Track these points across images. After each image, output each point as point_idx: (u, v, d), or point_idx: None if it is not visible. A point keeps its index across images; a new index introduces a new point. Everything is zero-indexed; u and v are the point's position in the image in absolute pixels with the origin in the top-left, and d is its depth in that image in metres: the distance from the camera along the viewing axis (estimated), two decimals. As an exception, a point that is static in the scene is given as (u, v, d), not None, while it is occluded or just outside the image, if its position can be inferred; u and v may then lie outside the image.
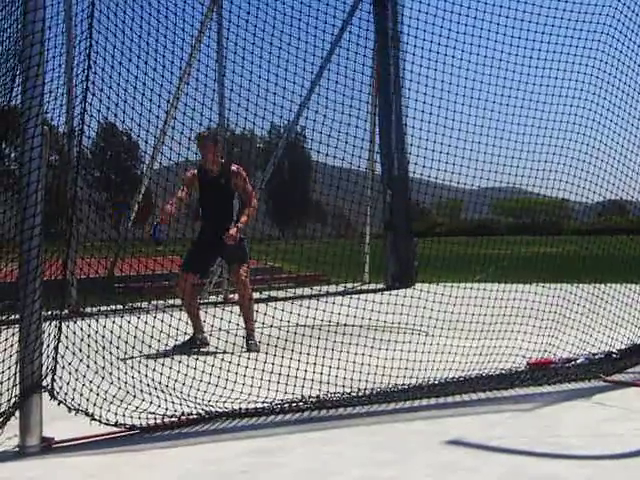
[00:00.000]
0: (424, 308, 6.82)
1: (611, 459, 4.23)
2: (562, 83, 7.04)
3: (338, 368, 5.77)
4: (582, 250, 7.81)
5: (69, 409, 4.61)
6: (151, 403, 4.96)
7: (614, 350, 6.62)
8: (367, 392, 5.54)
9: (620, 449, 4.33)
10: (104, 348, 5.11)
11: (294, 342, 6.19)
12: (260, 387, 5.45)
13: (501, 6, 6.93)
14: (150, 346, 5.56)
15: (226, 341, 6.60)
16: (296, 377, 5.59)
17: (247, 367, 5.71)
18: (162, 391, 5.13)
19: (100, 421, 4.65)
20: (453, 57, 6.98)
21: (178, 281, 8.01)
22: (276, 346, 6.11)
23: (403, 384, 5.71)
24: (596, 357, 6.48)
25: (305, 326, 7.68)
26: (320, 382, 5.57)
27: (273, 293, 10.37)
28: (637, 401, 5.43)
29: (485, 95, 7.01)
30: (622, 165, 7.13)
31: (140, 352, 5.42)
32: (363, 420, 5.09)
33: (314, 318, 6.52)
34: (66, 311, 5.26)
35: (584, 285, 7.43)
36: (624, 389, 5.80)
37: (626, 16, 7.01)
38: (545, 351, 6.54)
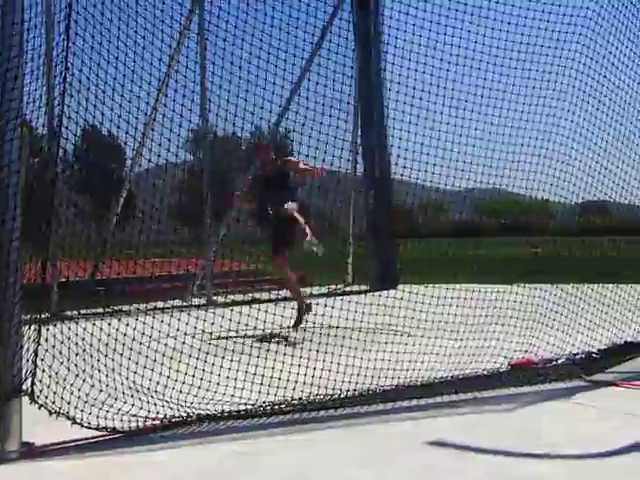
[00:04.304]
0: (406, 308, 6.83)
1: (593, 458, 4.25)
2: (541, 84, 7.09)
3: (322, 369, 5.76)
4: (562, 251, 7.86)
5: (50, 413, 4.57)
6: (133, 405, 4.94)
7: (594, 350, 6.64)
8: (349, 394, 5.53)
9: (601, 448, 4.34)
10: (84, 351, 5.08)
11: (277, 343, 6.19)
12: (243, 389, 5.43)
13: (481, 7, 6.97)
14: (131, 349, 5.54)
15: (209, 343, 6.58)
16: (279, 379, 5.58)
17: (230, 369, 5.69)
18: (144, 393, 5.11)
19: (81, 425, 4.61)
20: (434, 58, 7.01)
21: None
22: (259, 348, 6.10)
23: (385, 385, 5.71)
24: (577, 357, 6.49)
25: (289, 328, 7.69)
26: (303, 384, 5.57)
27: (256, 295, 10.37)
28: (617, 401, 5.45)
29: (465, 96, 7.05)
30: (600, 166, 7.18)
31: (121, 355, 5.39)
32: (345, 422, 5.08)
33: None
34: (46, 314, 5.23)
35: (564, 285, 7.45)
36: (604, 389, 5.82)
37: (603, 18, 7.07)
38: (526, 351, 6.56)
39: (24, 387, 4.48)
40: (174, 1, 6.12)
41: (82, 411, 4.69)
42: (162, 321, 6.00)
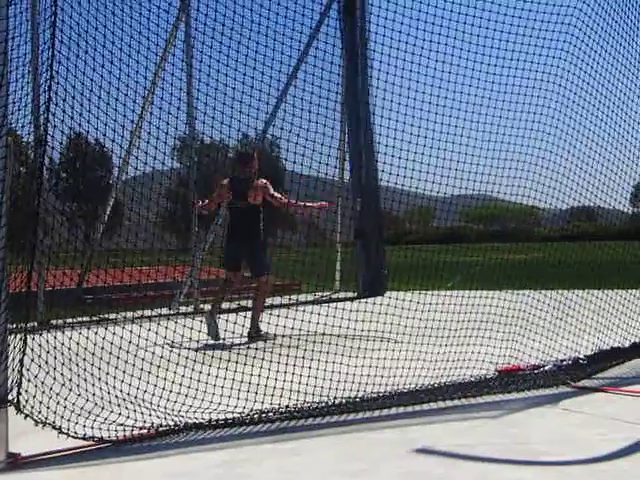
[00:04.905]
0: (391, 315, 6.84)
1: (578, 464, 4.25)
2: (526, 91, 7.12)
3: (309, 377, 5.76)
4: (548, 257, 7.87)
5: (36, 423, 4.55)
6: (120, 415, 4.93)
7: (581, 356, 6.66)
8: (337, 401, 5.53)
9: (587, 455, 4.35)
10: (71, 360, 5.06)
11: (264, 351, 6.18)
12: (230, 397, 5.43)
13: (467, 14, 7.00)
14: (118, 357, 5.52)
15: (196, 351, 6.58)
16: (266, 386, 5.58)
17: (217, 377, 5.69)
18: (131, 402, 5.10)
19: (68, 434, 4.60)
20: (419, 64, 7.03)
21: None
22: (246, 355, 6.09)
23: (372, 392, 5.71)
24: (564, 363, 6.51)
25: (276, 335, 7.67)
26: (290, 391, 5.57)
27: (244, 303, 10.35)
28: (604, 407, 5.46)
29: (451, 102, 7.06)
30: (585, 172, 7.22)
31: (108, 363, 5.38)
32: (333, 430, 5.08)
33: (284, 327, 6.53)
34: (33, 323, 5.21)
35: (549, 291, 7.48)
36: (591, 394, 5.83)
37: (587, 26, 7.11)
38: (512, 356, 6.58)
39: (10, 397, 4.46)
40: (160, 9, 6.12)
41: (68, 421, 4.67)
42: (149, 329, 5.98)
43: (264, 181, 9.14)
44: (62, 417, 4.67)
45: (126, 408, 5.01)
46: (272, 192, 9.11)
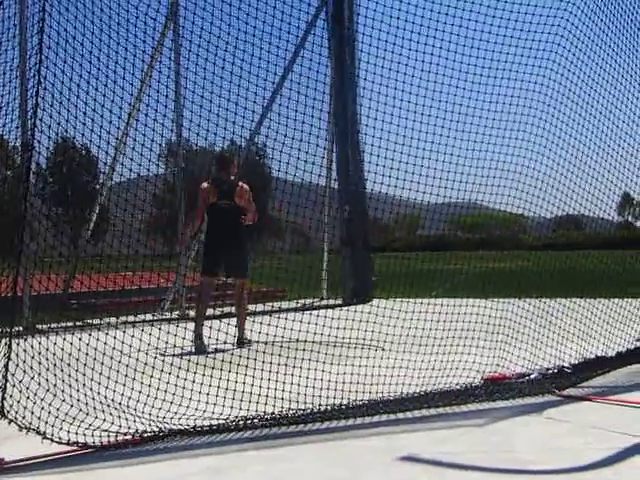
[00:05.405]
0: (375, 323, 6.85)
1: (563, 473, 4.25)
2: (511, 100, 7.15)
3: (292, 384, 5.76)
4: (533, 265, 7.90)
5: (20, 428, 4.54)
6: (104, 420, 4.91)
7: (566, 365, 6.67)
8: (321, 408, 5.53)
9: (573, 463, 4.35)
10: (56, 365, 5.05)
11: (249, 358, 6.18)
12: (215, 404, 5.42)
13: (452, 24, 7.03)
14: (103, 363, 5.51)
15: (180, 357, 6.57)
16: (251, 393, 5.57)
17: (202, 384, 5.68)
18: (115, 408, 5.09)
19: (52, 440, 4.58)
20: (405, 74, 7.05)
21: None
22: (231, 362, 6.09)
23: (357, 400, 5.71)
24: (549, 372, 6.52)
25: (259, 342, 7.66)
26: (275, 398, 5.56)
27: (228, 309, 10.34)
28: (589, 415, 5.47)
29: (436, 112, 7.09)
30: (570, 181, 7.26)
31: (93, 369, 5.36)
32: (317, 437, 5.08)
33: (267, 334, 6.53)
34: (18, 328, 5.19)
35: (535, 300, 7.50)
36: (576, 403, 5.84)
37: (574, 35, 7.15)
38: (498, 365, 6.59)
39: (-6, 402, 4.45)
40: (148, 16, 6.12)
41: (53, 426, 4.66)
42: (133, 336, 5.97)
43: (248, 188, 9.18)
44: (46, 422, 4.65)
45: (110, 414, 5.00)
46: (252, 202, 9.23)
